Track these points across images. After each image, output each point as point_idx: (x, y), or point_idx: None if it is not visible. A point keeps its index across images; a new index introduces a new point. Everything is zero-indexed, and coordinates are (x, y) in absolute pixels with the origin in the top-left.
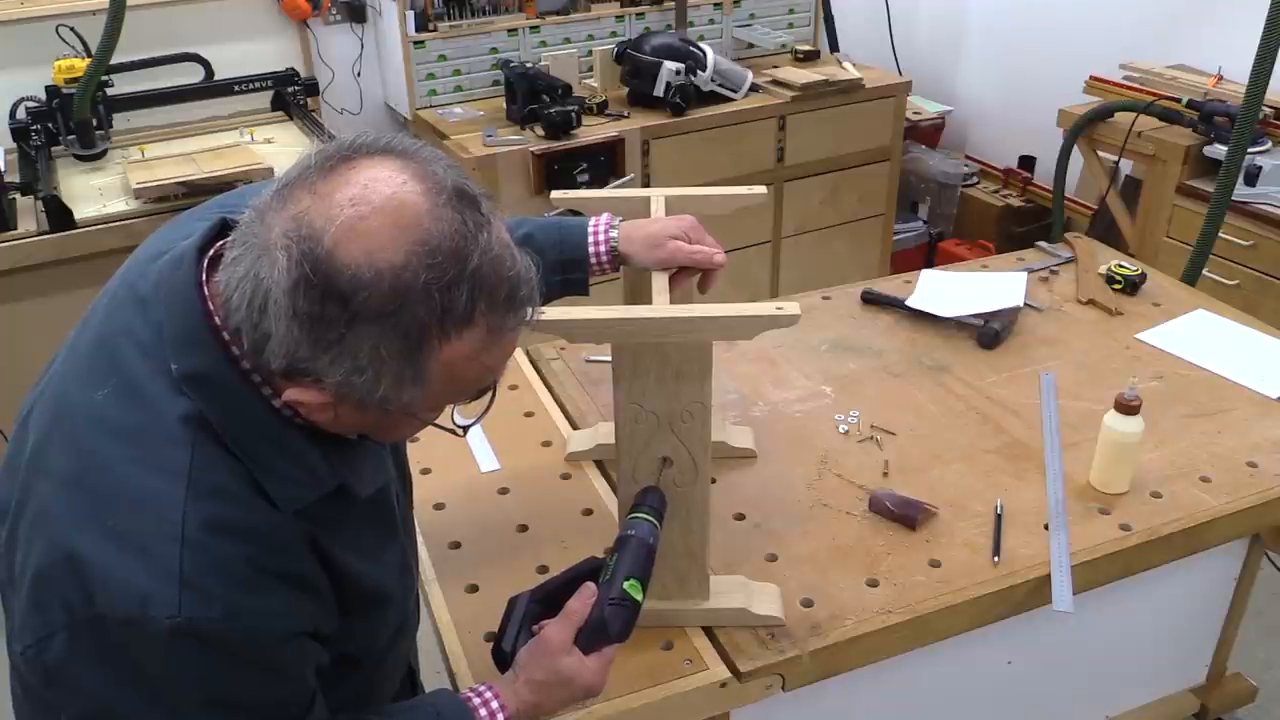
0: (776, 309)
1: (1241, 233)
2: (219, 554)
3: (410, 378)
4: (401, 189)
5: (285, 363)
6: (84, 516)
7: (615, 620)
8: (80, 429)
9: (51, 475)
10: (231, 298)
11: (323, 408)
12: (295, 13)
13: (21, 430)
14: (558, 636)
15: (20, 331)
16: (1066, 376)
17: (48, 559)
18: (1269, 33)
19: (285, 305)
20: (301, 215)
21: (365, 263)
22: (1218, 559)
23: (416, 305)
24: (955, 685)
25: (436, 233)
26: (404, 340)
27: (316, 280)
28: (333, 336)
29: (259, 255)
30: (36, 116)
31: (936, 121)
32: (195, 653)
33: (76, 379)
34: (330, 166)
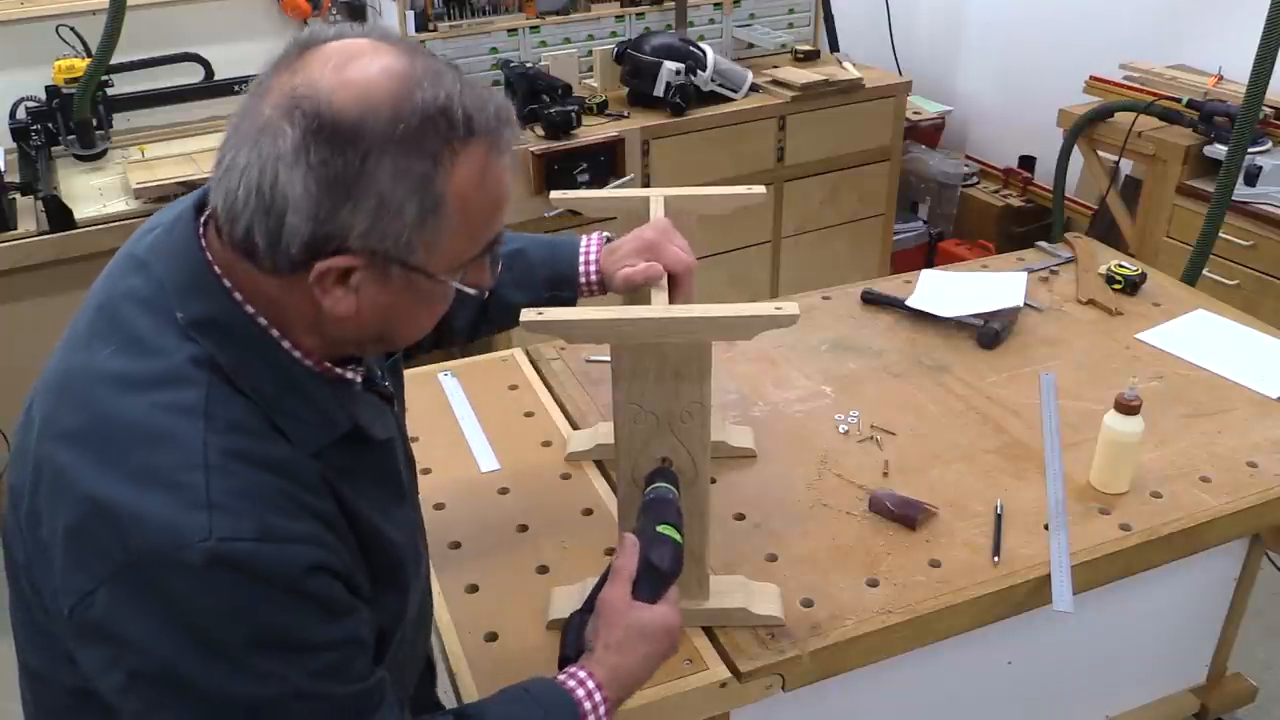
0: (776, 309)
1: (1241, 233)
2: (245, 478)
3: (430, 208)
4: (373, 50)
5: (308, 230)
6: (104, 466)
7: (662, 557)
8: (87, 388)
9: (64, 437)
10: (237, 195)
11: (344, 296)
12: (295, 13)
13: (26, 418)
14: (615, 594)
15: (20, 331)
16: (1066, 376)
17: (76, 515)
18: (1269, 33)
19: (299, 165)
20: (287, 90)
21: (363, 100)
22: (1218, 559)
23: (422, 126)
24: (955, 685)
25: (418, 67)
26: (418, 161)
27: (322, 128)
28: (351, 177)
29: (256, 139)
30: (36, 116)
31: (936, 121)
32: (233, 581)
33: (77, 349)
34: (298, 54)
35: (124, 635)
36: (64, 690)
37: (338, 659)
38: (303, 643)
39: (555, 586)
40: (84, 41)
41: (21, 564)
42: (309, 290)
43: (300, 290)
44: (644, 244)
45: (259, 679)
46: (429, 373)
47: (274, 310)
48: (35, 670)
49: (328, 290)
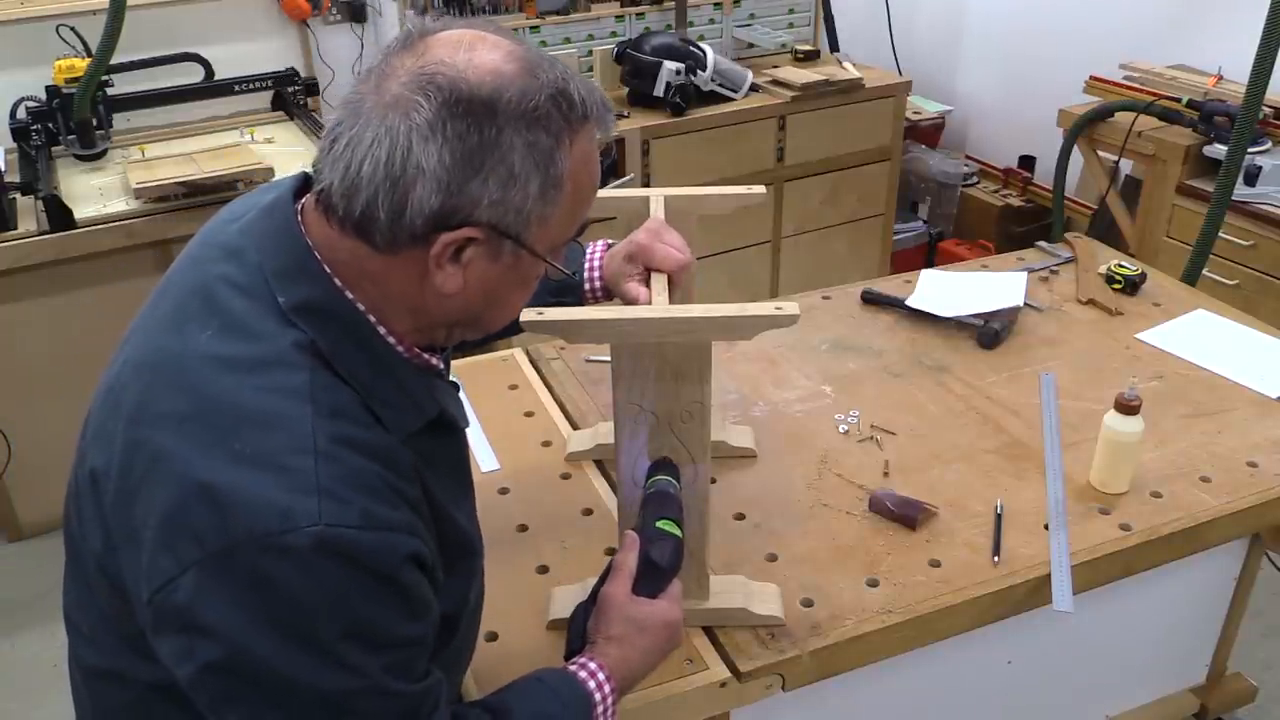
0: (776, 309)
1: (1241, 233)
2: (351, 465)
3: (552, 183)
4: (487, 38)
5: (438, 202)
6: (209, 448)
7: (661, 553)
8: (189, 370)
9: (165, 420)
10: (361, 170)
11: (455, 273)
12: (295, 12)
13: (110, 400)
14: (614, 590)
15: (20, 331)
16: (1066, 376)
17: (177, 497)
18: (1269, 33)
19: (435, 137)
20: (415, 70)
21: (495, 76)
22: (1218, 559)
23: (546, 104)
24: (955, 685)
25: (533, 53)
26: (545, 137)
27: (459, 101)
28: (485, 150)
29: (384, 116)
30: (36, 116)
31: (936, 121)
32: (335, 568)
33: (170, 332)
34: (419, 39)
35: (207, 622)
36: (138, 686)
37: (409, 656)
38: (386, 636)
39: (555, 586)
40: (84, 41)
41: (98, 550)
42: (416, 268)
43: (406, 269)
44: (636, 247)
45: (340, 671)
46: None
47: (375, 293)
48: (101, 669)
49: (441, 265)
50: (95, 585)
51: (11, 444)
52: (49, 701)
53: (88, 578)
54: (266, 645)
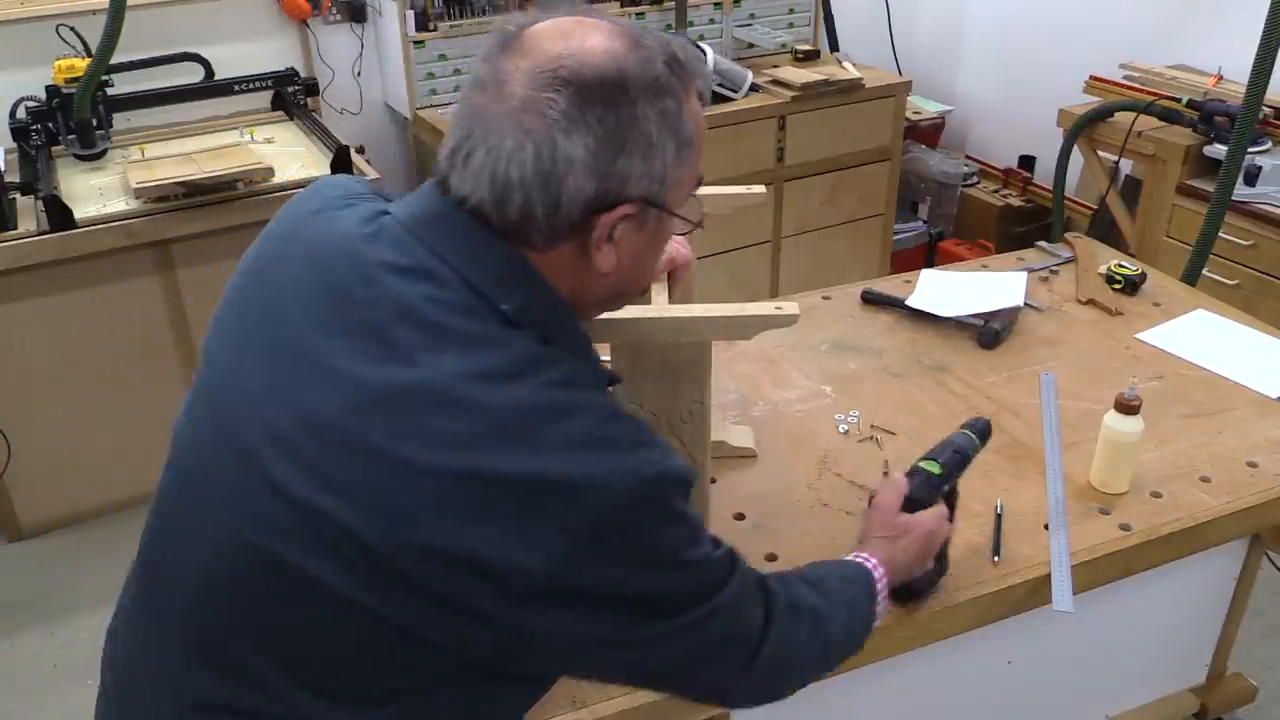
0: (776, 309)
1: (1241, 233)
2: (632, 418)
3: (683, 143)
4: (582, 20)
5: (593, 188)
6: (529, 452)
7: (918, 488)
8: (456, 392)
9: (454, 444)
10: (509, 177)
11: (610, 251)
12: (295, 13)
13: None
14: (885, 498)
15: (20, 331)
16: (1066, 376)
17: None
18: (1269, 33)
19: (576, 128)
20: (530, 70)
21: (611, 55)
22: (1218, 559)
23: (663, 70)
24: (955, 685)
25: (628, 24)
26: (670, 101)
27: (590, 88)
28: (625, 127)
29: (519, 120)
30: (36, 116)
31: (936, 121)
32: (679, 496)
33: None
34: (513, 44)
35: (594, 586)
36: None
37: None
38: (699, 524)
39: None
40: (84, 41)
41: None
42: (573, 256)
43: (564, 259)
44: None
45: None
46: None
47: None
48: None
49: (600, 247)
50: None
51: (11, 444)
52: (49, 702)
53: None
54: (639, 580)
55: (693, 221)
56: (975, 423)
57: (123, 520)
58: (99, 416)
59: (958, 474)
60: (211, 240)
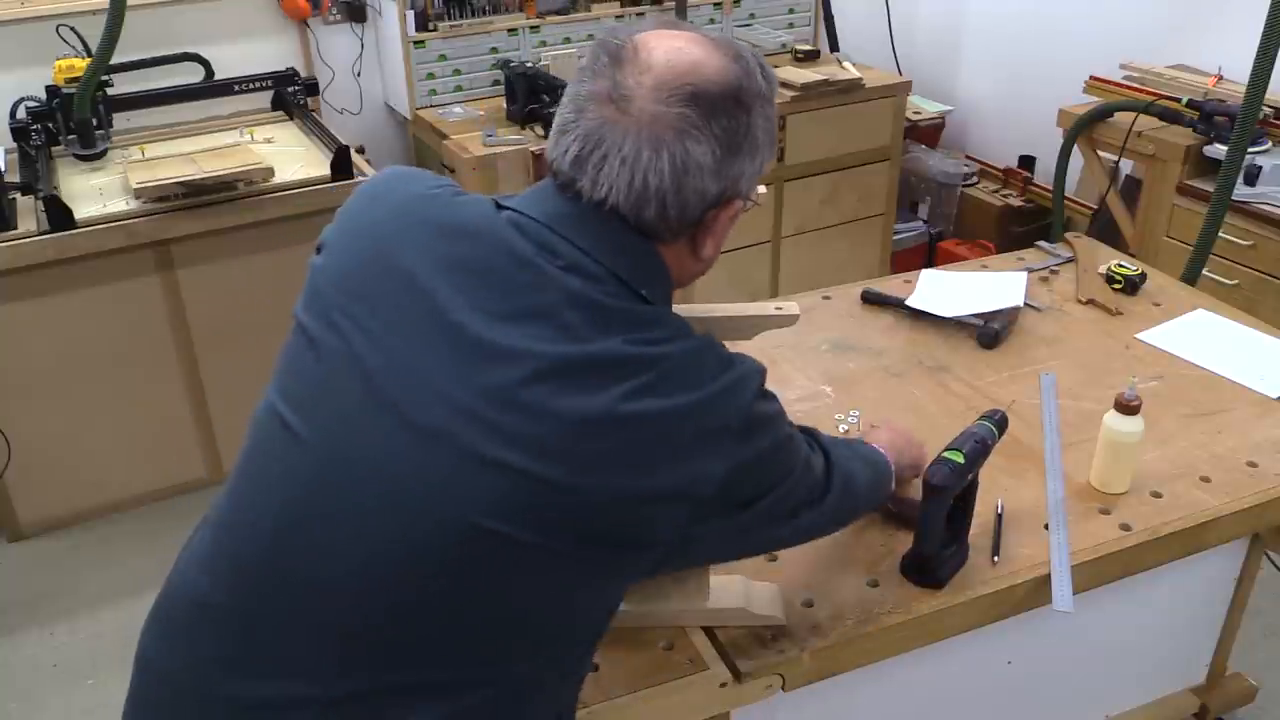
0: (776, 309)
1: (1241, 233)
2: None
3: (773, 143)
4: (680, 35)
5: (717, 188)
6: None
7: (945, 477)
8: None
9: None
10: (646, 183)
11: (712, 240)
12: (295, 13)
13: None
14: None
15: (20, 331)
16: (1066, 376)
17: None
18: (1269, 33)
19: (706, 136)
20: (657, 85)
21: (726, 72)
22: (1218, 559)
23: (764, 79)
24: (955, 685)
25: (721, 38)
26: (770, 109)
27: (715, 101)
28: (743, 133)
29: (652, 134)
30: (36, 116)
31: (936, 121)
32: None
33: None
34: (626, 56)
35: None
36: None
37: None
38: None
39: None
40: (84, 41)
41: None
42: (687, 247)
43: (679, 250)
44: None
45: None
46: None
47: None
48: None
49: (708, 238)
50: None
51: (11, 444)
52: (49, 702)
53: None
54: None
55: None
56: (993, 414)
57: (122, 520)
58: (99, 416)
59: (979, 462)
60: (211, 240)
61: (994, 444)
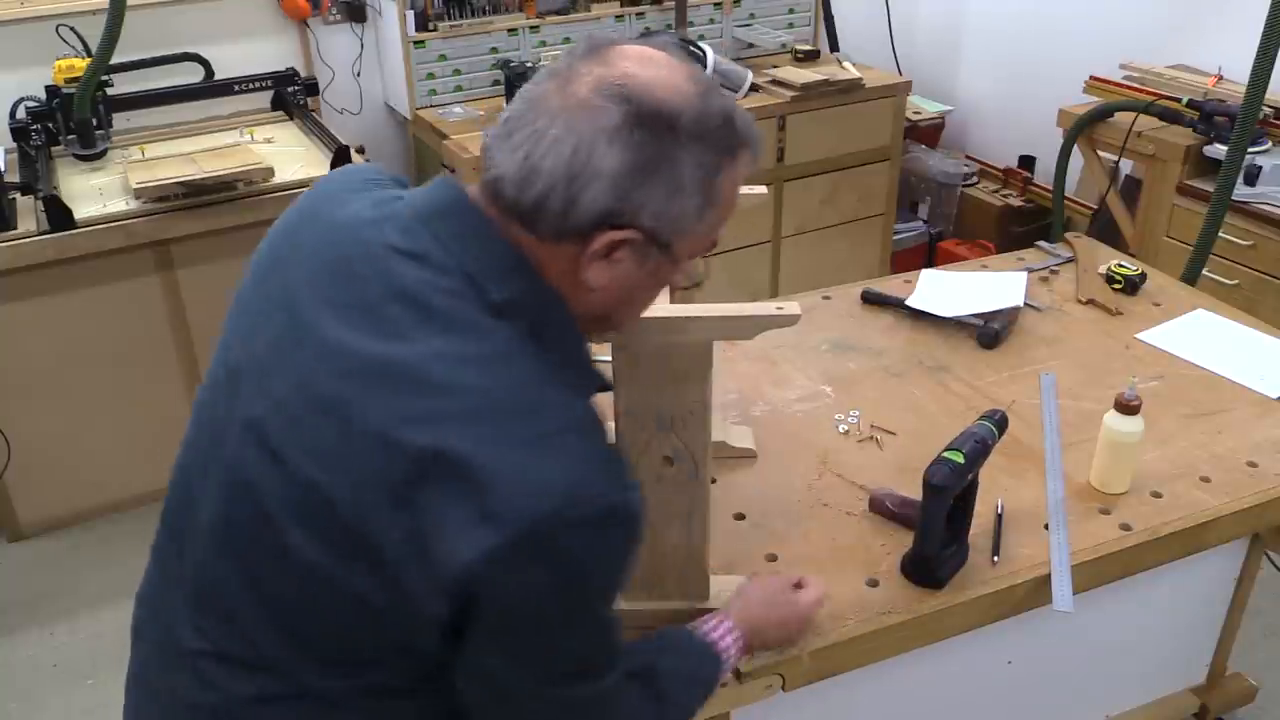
0: (776, 309)
1: (1241, 233)
2: (603, 441)
3: (707, 200)
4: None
5: (607, 202)
6: (483, 439)
7: (945, 477)
8: (430, 372)
9: (420, 422)
10: (540, 163)
11: (606, 268)
12: (295, 13)
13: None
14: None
15: (20, 331)
16: (1066, 376)
17: (458, 489)
18: (1269, 33)
19: (617, 141)
20: (604, 77)
21: (679, 94)
22: (1218, 559)
23: (719, 127)
24: (955, 685)
25: (705, 78)
26: (712, 158)
27: (645, 114)
28: (661, 160)
29: (571, 116)
30: (36, 116)
31: (936, 121)
32: (619, 530)
33: (380, 339)
34: (605, 49)
35: (510, 592)
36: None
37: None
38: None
39: None
40: (84, 41)
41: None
42: (570, 259)
43: (562, 259)
44: None
45: (610, 619)
46: None
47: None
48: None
49: (594, 261)
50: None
51: (11, 444)
52: (49, 702)
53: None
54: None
55: (689, 282)
56: (993, 414)
57: (122, 520)
58: (99, 416)
59: (979, 462)
60: (211, 240)
61: (994, 444)
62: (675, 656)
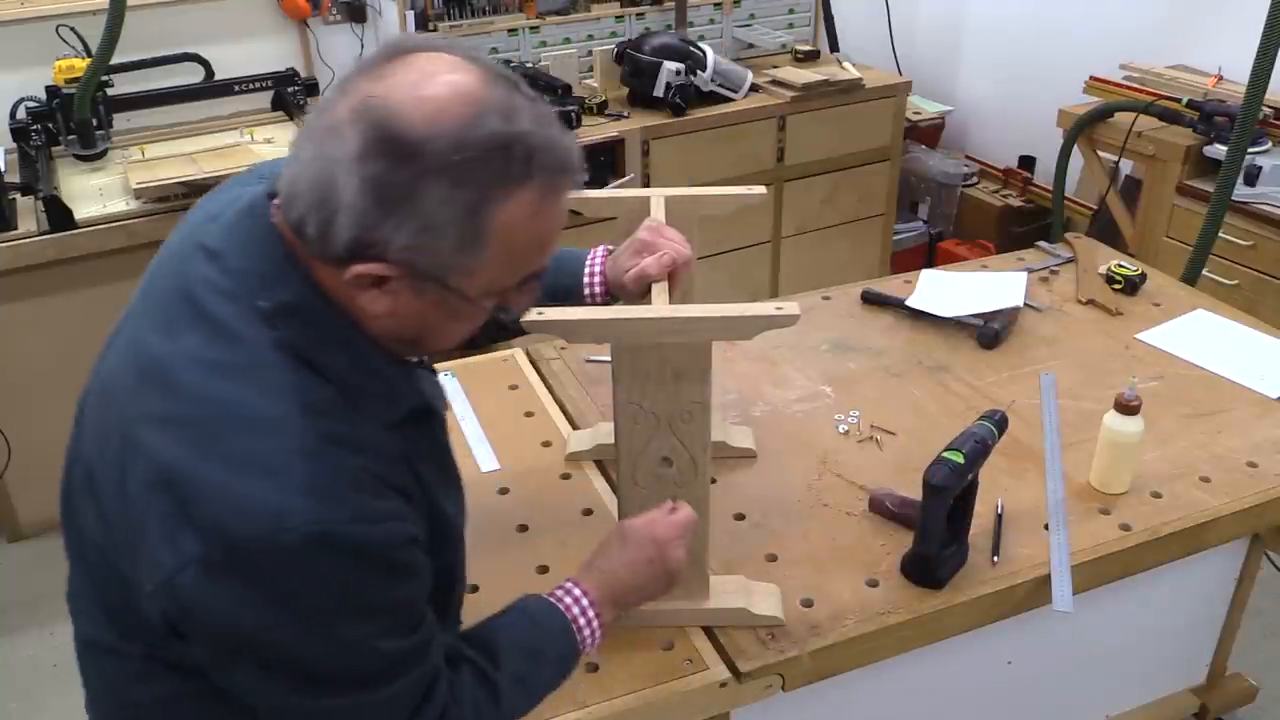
0: (776, 309)
1: (1241, 233)
2: (338, 463)
3: (471, 238)
4: (456, 69)
5: (353, 234)
6: (202, 453)
7: (945, 477)
8: (177, 375)
9: (157, 422)
10: (298, 184)
11: (380, 297)
12: (295, 13)
13: (104, 397)
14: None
15: (20, 331)
16: (1066, 376)
17: (174, 499)
18: (1269, 33)
19: (354, 171)
20: (366, 96)
21: (429, 122)
22: (1218, 559)
23: (477, 159)
24: (955, 685)
25: (495, 96)
26: (468, 193)
27: (384, 142)
28: (401, 194)
29: (325, 136)
30: (36, 116)
31: (936, 121)
32: (330, 560)
33: (158, 333)
34: (388, 59)
35: (206, 611)
36: (133, 658)
37: (399, 616)
38: (376, 605)
39: None
40: (84, 41)
41: (99, 541)
42: (345, 283)
43: (339, 279)
44: (640, 245)
45: (340, 642)
46: None
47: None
48: (100, 642)
49: (364, 290)
50: (95, 570)
51: (11, 444)
52: (50, 703)
53: (88, 563)
54: (265, 628)
55: (503, 317)
56: (993, 414)
57: None
58: None
59: (979, 462)
60: None
61: (994, 444)
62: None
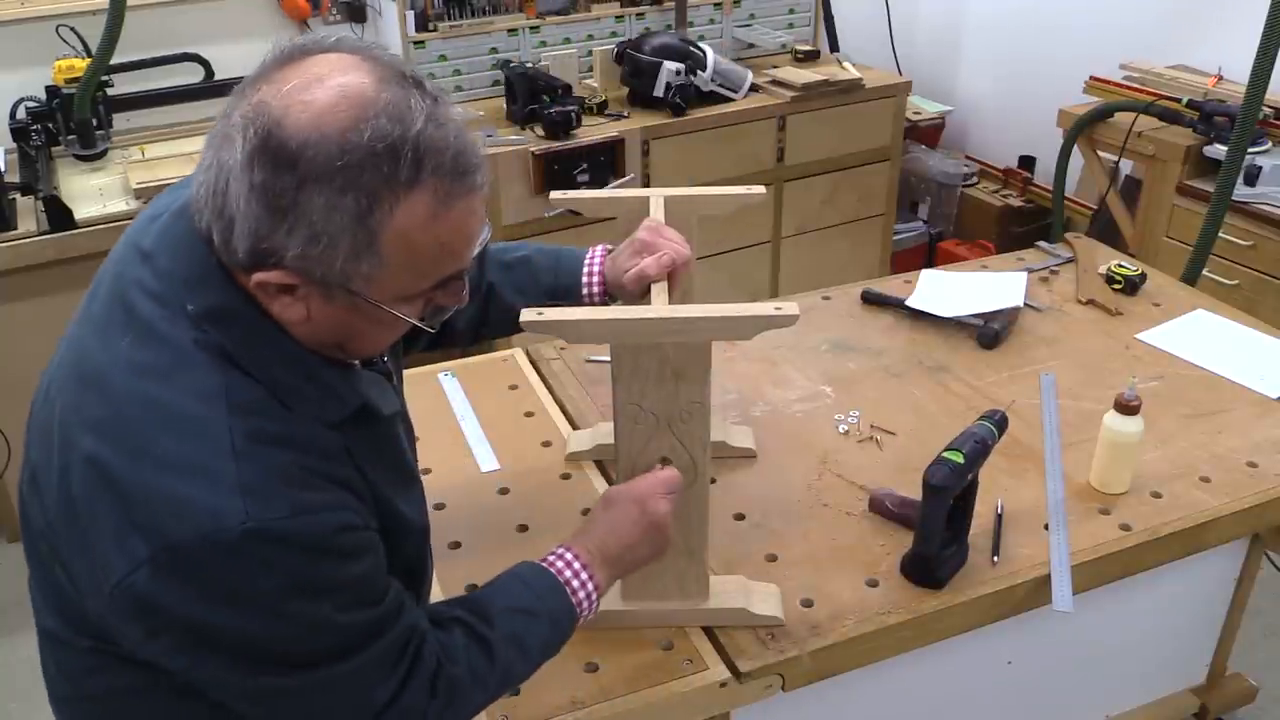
0: (776, 309)
1: (1241, 233)
2: (270, 460)
3: (365, 245)
4: (350, 71)
5: (249, 243)
6: (135, 455)
7: (945, 477)
8: (109, 378)
9: (91, 426)
10: (200, 190)
11: (293, 304)
12: (295, 13)
13: (46, 398)
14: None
15: (20, 331)
16: (1066, 376)
17: (112, 503)
18: (1269, 33)
19: (242, 179)
20: (258, 101)
21: (312, 127)
22: (1218, 559)
23: (363, 163)
24: (955, 685)
25: (381, 101)
26: (354, 199)
27: (268, 149)
28: (286, 202)
29: (221, 143)
30: (36, 116)
31: (936, 121)
32: (270, 553)
33: (95, 336)
34: (284, 61)
35: (164, 609)
36: (83, 650)
37: (357, 591)
38: (329, 584)
39: None
40: (84, 41)
41: (40, 531)
42: (259, 288)
43: (255, 284)
44: (640, 245)
45: (297, 623)
46: (429, 373)
47: (236, 260)
48: (54, 633)
49: (273, 297)
50: (44, 566)
51: (11, 444)
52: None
53: (39, 558)
54: (222, 618)
55: (417, 323)
56: (993, 414)
57: None
58: None
59: (979, 462)
60: None
61: (994, 444)
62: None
